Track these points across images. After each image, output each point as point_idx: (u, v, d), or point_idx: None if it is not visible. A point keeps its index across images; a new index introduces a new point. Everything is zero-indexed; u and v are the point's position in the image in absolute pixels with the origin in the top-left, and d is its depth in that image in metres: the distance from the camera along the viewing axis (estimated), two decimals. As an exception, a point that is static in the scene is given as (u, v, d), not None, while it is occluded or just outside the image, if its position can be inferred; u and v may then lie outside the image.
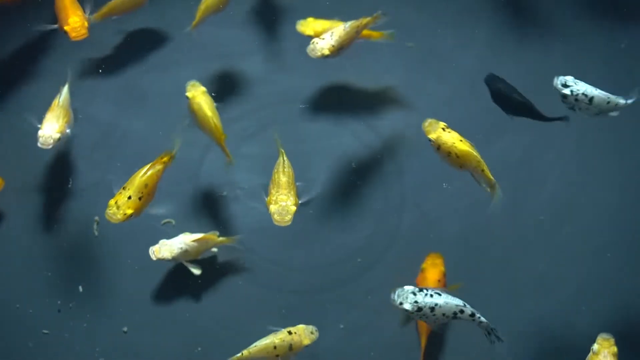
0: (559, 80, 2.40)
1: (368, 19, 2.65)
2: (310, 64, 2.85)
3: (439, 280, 2.50)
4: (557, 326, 2.59)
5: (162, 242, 2.53)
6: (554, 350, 2.57)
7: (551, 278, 2.64)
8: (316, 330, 2.43)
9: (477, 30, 2.92)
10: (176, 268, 2.61)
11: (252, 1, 2.99)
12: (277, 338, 2.37)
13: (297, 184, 2.69)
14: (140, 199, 2.41)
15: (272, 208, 2.41)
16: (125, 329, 2.58)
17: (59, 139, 2.55)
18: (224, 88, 2.84)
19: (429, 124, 2.44)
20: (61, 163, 2.76)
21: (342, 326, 2.59)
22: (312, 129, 2.81)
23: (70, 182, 2.74)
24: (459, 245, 2.67)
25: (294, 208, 2.41)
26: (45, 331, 2.58)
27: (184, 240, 2.53)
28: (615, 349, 2.34)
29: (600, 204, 2.71)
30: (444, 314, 2.27)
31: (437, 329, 2.40)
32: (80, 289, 2.61)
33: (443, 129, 2.42)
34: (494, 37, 2.91)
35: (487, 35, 2.91)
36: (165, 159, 2.49)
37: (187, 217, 2.70)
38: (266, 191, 2.49)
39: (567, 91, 2.37)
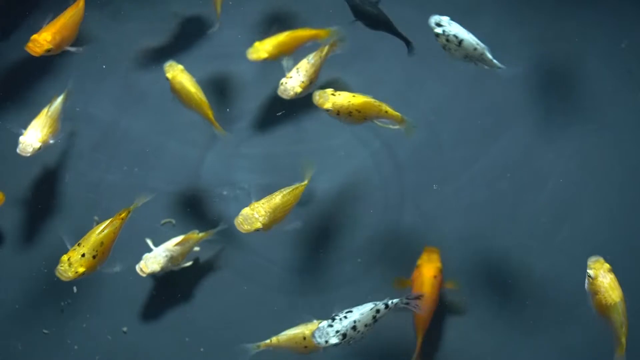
0: (433, 19, 2.39)
1: (327, 47, 2.66)
2: (310, 64, 2.86)
3: (435, 277, 2.48)
4: (558, 327, 2.59)
5: (146, 256, 2.50)
6: (554, 350, 2.57)
7: (551, 278, 2.64)
8: None
9: (477, 30, 2.92)
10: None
11: (253, 2, 2.99)
12: (307, 329, 2.36)
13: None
14: (94, 257, 2.32)
15: (244, 210, 2.38)
16: (125, 329, 2.58)
17: (40, 148, 2.52)
18: (224, 88, 2.84)
19: (318, 96, 2.44)
20: (60, 162, 2.76)
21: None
22: (312, 129, 2.81)
23: (67, 177, 2.74)
24: (459, 245, 2.67)
25: (259, 225, 2.36)
26: (45, 331, 2.58)
27: (166, 247, 2.51)
28: (608, 265, 2.32)
29: (600, 204, 2.71)
30: (366, 325, 2.22)
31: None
32: (75, 289, 2.61)
33: (332, 94, 2.43)
34: (494, 37, 2.90)
35: (487, 35, 2.91)
36: (123, 215, 2.40)
37: (187, 217, 2.70)
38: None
39: (439, 30, 2.37)
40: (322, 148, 2.79)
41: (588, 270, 2.30)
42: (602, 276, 2.31)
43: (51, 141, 2.57)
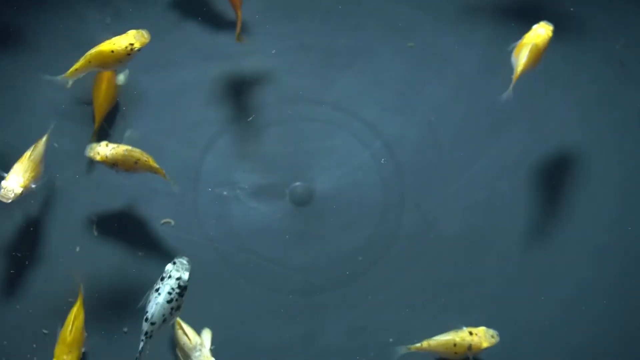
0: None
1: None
2: (310, 64, 2.86)
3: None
4: (557, 326, 2.60)
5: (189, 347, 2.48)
6: (554, 350, 2.57)
7: (551, 278, 2.64)
8: (497, 335, 2.47)
9: (477, 30, 2.93)
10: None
11: (252, 2, 2.98)
12: (458, 336, 2.42)
13: (297, 183, 2.70)
14: None
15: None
16: (125, 329, 2.58)
17: (21, 193, 2.48)
18: (224, 88, 2.84)
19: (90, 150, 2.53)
20: (59, 162, 2.75)
21: (342, 326, 2.59)
22: (312, 129, 2.81)
23: (62, 177, 2.73)
24: (459, 245, 2.68)
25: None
26: (45, 331, 2.58)
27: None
28: (551, 34, 2.57)
29: (600, 204, 2.72)
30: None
31: None
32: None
33: (107, 145, 2.53)
34: (494, 37, 2.91)
35: (487, 35, 2.91)
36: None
37: (187, 217, 2.70)
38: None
39: None
40: (322, 148, 2.79)
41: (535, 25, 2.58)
42: (542, 29, 2.56)
43: (33, 186, 2.53)
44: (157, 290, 2.33)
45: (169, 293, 2.32)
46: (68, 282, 2.62)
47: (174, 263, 2.35)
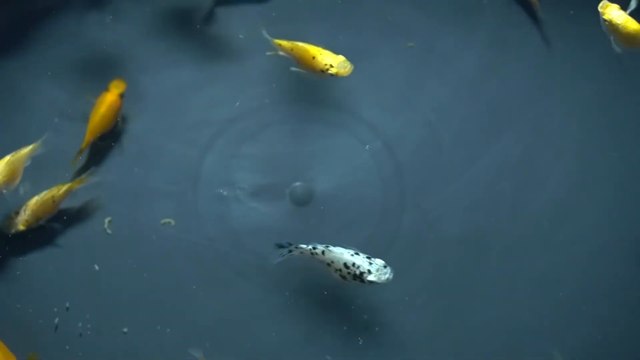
0: None
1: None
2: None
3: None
4: (557, 326, 2.60)
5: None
6: (554, 350, 2.57)
7: (551, 278, 2.64)
8: None
9: (477, 30, 2.93)
10: (176, 269, 2.61)
11: (252, 2, 2.99)
12: None
13: (297, 183, 2.71)
14: None
15: None
16: (125, 329, 2.58)
17: None
18: (224, 88, 2.85)
19: (8, 225, 2.57)
20: (59, 162, 2.75)
21: (342, 326, 2.60)
22: (312, 129, 2.81)
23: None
24: (459, 245, 2.68)
25: None
26: (45, 331, 2.59)
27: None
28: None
29: (600, 204, 2.72)
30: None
31: None
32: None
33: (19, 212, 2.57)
34: (494, 37, 2.91)
35: (487, 35, 2.92)
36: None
37: (187, 217, 2.70)
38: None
39: None
40: (322, 148, 2.79)
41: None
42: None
43: (4, 191, 2.50)
44: (356, 252, 2.42)
45: (354, 265, 2.40)
46: (68, 282, 2.62)
47: (386, 267, 2.40)
